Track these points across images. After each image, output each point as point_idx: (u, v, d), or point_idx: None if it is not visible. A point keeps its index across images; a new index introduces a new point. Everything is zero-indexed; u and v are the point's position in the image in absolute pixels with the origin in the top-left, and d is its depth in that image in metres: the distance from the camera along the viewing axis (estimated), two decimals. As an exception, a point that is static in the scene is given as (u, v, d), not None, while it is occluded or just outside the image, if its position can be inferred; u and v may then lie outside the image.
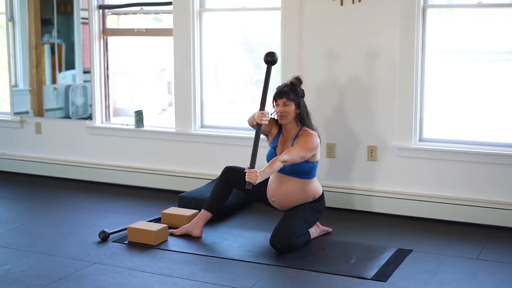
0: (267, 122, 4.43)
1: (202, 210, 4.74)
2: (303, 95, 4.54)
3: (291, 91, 4.47)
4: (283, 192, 4.50)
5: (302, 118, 4.50)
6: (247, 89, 6.10)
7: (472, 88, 5.09)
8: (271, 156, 4.55)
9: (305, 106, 4.53)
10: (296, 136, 4.48)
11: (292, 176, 4.47)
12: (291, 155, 4.31)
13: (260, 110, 4.42)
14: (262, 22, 5.83)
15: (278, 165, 4.28)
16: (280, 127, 4.61)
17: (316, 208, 4.53)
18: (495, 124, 5.03)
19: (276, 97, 4.49)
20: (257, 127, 4.40)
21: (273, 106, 4.55)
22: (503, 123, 4.99)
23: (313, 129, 4.52)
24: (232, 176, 4.72)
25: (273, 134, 4.61)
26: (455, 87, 5.12)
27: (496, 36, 4.99)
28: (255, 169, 4.26)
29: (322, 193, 4.60)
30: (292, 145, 4.45)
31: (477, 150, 4.93)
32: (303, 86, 4.61)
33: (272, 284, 3.89)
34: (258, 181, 4.21)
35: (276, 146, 4.56)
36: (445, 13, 5.14)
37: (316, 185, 4.56)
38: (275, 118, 4.59)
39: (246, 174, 4.23)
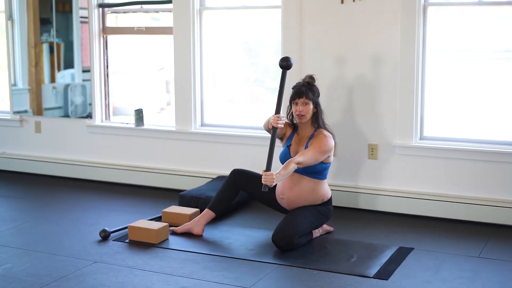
0: (282, 126, 4.45)
1: (206, 209, 4.75)
2: (319, 94, 4.57)
3: (309, 90, 4.48)
4: (294, 190, 4.50)
5: (317, 117, 4.52)
6: (245, 88, 6.10)
7: (473, 87, 5.09)
8: (284, 154, 4.56)
9: (320, 105, 4.55)
10: (311, 137, 4.49)
11: (304, 175, 4.47)
12: (305, 157, 4.33)
13: (275, 114, 4.44)
14: (262, 21, 5.82)
15: (293, 166, 4.30)
16: (294, 127, 4.62)
17: (323, 211, 4.53)
18: (496, 122, 5.03)
19: (295, 97, 4.49)
20: (273, 130, 4.42)
21: (290, 106, 4.55)
22: (503, 121, 4.99)
23: (328, 130, 4.53)
24: (240, 181, 4.74)
25: (287, 134, 4.63)
26: (456, 86, 5.12)
27: (496, 34, 4.99)
28: (271, 171, 4.27)
29: (330, 198, 4.60)
30: (306, 145, 4.46)
31: (477, 148, 4.93)
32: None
33: (274, 283, 3.89)
34: (274, 184, 4.22)
35: (290, 144, 4.57)
36: (443, 12, 5.13)
37: (326, 188, 4.57)
38: (289, 120, 4.62)
39: (263, 177, 4.24)
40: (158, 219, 5.02)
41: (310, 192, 4.49)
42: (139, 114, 6.12)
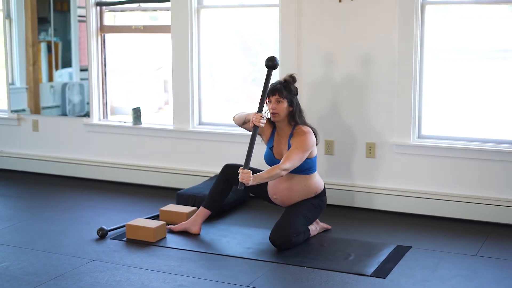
0: (263, 125, 4.40)
1: (201, 208, 4.73)
2: (296, 93, 4.50)
3: (284, 88, 4.44)
4: (285, 189, 4.49)
5: (294, 116, 4.47)
6: (243, 87, 6.09)
7: (470, 86, 5.09)
8: (268, 156, 4.54)
9: (298, 104, 4.50)
10: (291, 135, 4.47)
11: (293, 173, 4.45)
12: (291, 162, 4.30)
13: (257, 112, 4.40)
14: (260, 19, 5.82)
15: (278, 173, 4.27)
16: (273, 125, 4.59)
17: (317, 204, 4.52)
18: (493, 121, 5.03)
19: (269, 94, 4.46)
20: (254, 129, 4.38)
21: (266, 103, 4.53)
22: (501, 120, 4.99)
23: (308, 125, 4.49)
24: (232, 175, 4.70)
25: (266, 134, 4.58)
26: (454, 85, 5.12)
27: (494, 34, 4.99)
28: (249, 170, 4.26)
29: (324, 189, 4.60)
30: (288, 144, 4.43)
31: (475, 147, 4.93)
32: (300, 83, 4.60)
33: (271, 281, 3.88)
34: (250, 184, 4.21)
35: (272, 146, 4.55)
36: (441, 10, 5.13)
37: (317, 180, 4.56)
38: (269, 117, 4.59)
39: (240, 174, 4.23)
40: (156, 217, 5.01)
41: (302, 188, 4.48)
42: (136, 112, 6.11)
